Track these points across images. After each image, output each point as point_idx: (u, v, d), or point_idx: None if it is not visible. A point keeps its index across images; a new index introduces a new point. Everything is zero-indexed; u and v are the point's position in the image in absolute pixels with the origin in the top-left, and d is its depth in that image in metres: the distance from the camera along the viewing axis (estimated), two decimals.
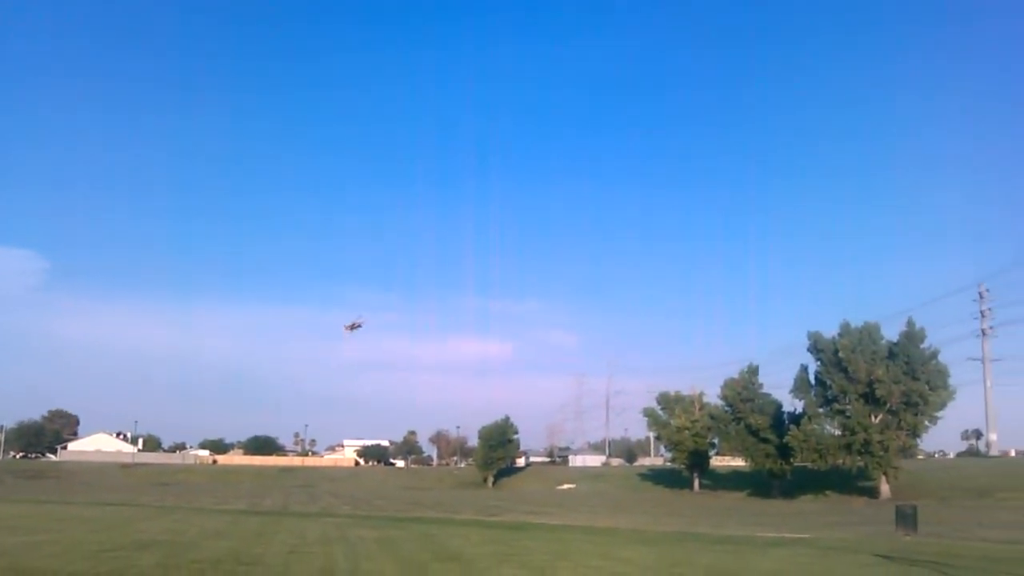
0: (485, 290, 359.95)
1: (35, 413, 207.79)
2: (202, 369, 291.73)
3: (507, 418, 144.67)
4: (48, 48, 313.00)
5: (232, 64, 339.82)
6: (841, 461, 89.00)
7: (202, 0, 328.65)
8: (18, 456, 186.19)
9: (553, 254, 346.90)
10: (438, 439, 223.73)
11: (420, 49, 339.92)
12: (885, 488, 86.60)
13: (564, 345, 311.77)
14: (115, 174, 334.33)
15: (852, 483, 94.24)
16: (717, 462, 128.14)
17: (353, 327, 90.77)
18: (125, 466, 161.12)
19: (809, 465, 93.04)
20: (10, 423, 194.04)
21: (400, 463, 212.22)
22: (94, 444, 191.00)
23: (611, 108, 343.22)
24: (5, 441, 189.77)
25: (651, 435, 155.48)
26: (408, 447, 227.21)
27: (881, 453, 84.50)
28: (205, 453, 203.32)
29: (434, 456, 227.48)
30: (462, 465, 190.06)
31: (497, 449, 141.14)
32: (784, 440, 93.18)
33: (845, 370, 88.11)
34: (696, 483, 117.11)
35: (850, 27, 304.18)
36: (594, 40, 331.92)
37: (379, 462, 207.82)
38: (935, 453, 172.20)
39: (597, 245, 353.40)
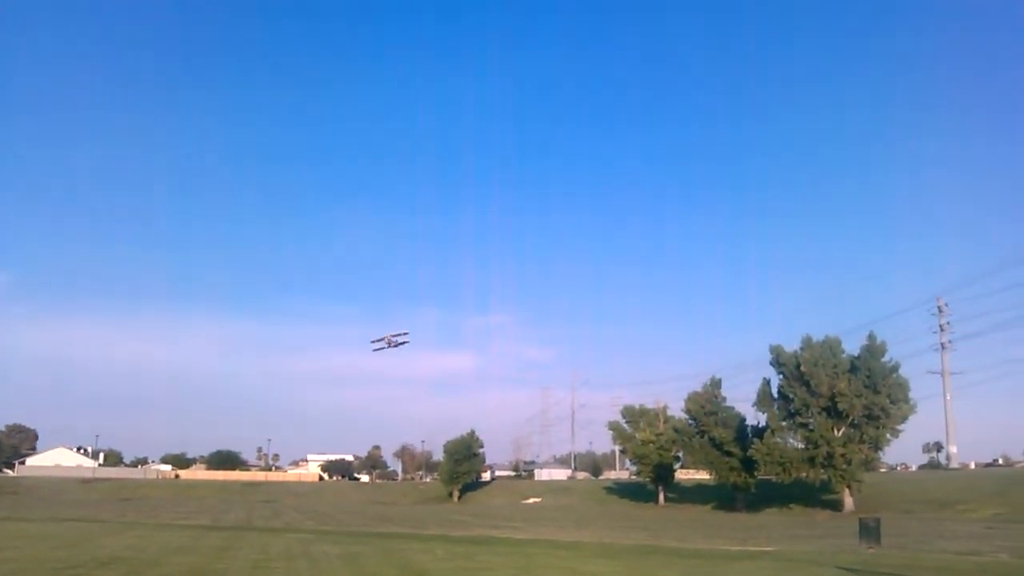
0: (448, 303, 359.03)
1: None
2: (162, 382, 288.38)
3: (472, 432, 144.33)
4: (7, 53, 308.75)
5: (216, 82, 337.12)
6: (805, 474, 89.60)
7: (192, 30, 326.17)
8: None
9: (518, 267, 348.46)
10: (403, 453, 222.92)
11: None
12: (849, 501, 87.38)
13: (530, 358, 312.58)
14: (73, 185, 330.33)
15: (816, 496, 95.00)
16: (682, 475, 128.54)
17: (394, 342, 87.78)
18: (86, 481, 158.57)
19: (773, 478, 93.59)
20: None
21: (365, 478, 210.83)
22: (53, 459, 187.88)
23: (572, 121, 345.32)
24: None
25: (616, 449, 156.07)
26: (372, 462, 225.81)
27: (844, 466, 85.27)
28: (167, 468, 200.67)
29: (399, 471, 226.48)
30: (427, 480, 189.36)
31: (462, 463, 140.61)
32: (748, 453, 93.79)
33: (807, 384, 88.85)
34: (661, 496, 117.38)
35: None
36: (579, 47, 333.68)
37: (343, 477, 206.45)
38: (897, 466, 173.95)
39: (561, 258, 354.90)
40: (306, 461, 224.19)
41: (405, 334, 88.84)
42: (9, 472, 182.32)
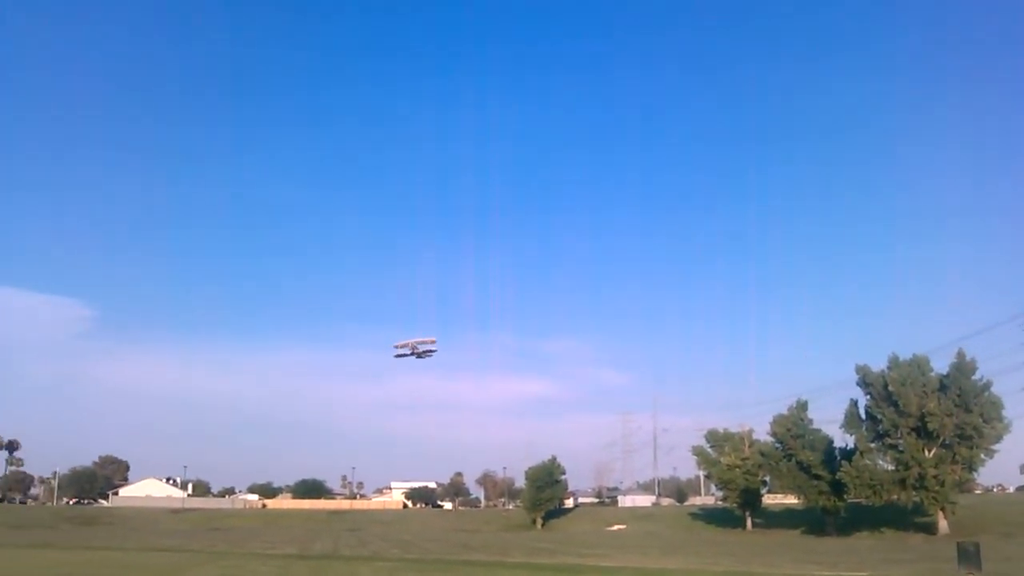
0: (522, 328, 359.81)
1: (87, 459, 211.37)
2: (249, 412, 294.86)
3: (554, 458, 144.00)
4: (88, 99, 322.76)
5: (271, 120, 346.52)
6: (896, 497, 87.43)
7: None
8: (71, 502, 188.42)
9: (592, 291, 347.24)
10: (485, 480, 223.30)
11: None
12: (943, 524, 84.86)
13: (607, 382, 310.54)
14: (157, 221, 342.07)
15: (908, 519, 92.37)
16: (769, 500, 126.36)
17: (419, 351, 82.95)
18: (175, 511, 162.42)
19: (863, 501, 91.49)
20: (63, 469, 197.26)
21: (448, 505, 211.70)
22: (144, 489, 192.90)
23: (651, 145, 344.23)
24: (58, 487, 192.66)
25: (701, 474, 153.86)
26: (455, 489, 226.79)
27: (937, 488, 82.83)
28: (254, 497, 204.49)
29: (481, 497, 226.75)
30: (510, 506, 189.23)
31: (545, 490, 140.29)
32: (836, 476, 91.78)
33: (896, 404, 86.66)
34: (749, 522, 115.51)
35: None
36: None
37: (427, 504, 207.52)
38: (993, 487, 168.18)
39: (637, 281, 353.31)
40: (390, 489, 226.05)
41: (432, 342, 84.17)
42: (103, 502, 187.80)
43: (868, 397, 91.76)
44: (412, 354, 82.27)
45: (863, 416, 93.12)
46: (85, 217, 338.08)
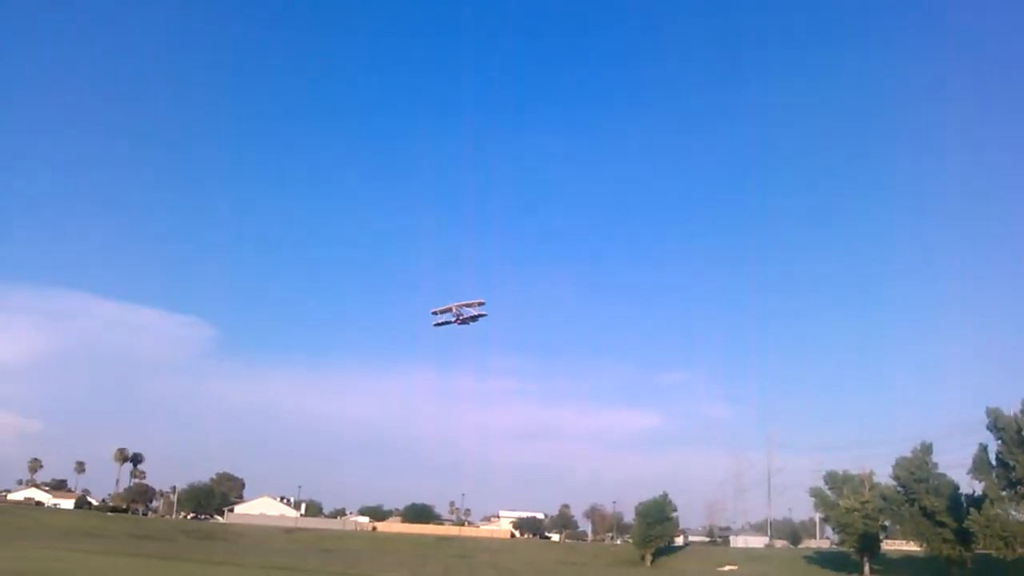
0: (632, 359, 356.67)
1: (204, 476, 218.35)
2: (361, 434, 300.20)
3: (665, 495, 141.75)
4: (217, 134, 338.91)
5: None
6: None
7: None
8: (189, 516, 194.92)
9: (703, 323, 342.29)
10: (593, 514, 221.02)
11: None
12: None
13: (720, 417, 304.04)
14: (278, 243, 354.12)
15: None
16: (889, 546, 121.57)
17: (464, 316, 74.65)
18: (288, 530, 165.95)
19: (993, 553, 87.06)
20: (182, 484, 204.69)
21: (555, 536, 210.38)
22: (259, 507, 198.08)
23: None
24: (178, 501, 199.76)
25: (817, 516, 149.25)
26: (563, 520, 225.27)
27: None
28: (364, 520, 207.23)
29: (588, 531, 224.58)
30: (618, 542, 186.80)
31: (655, 527, 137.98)
32: (964, 524, 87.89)
33: None
34: (867, 568, 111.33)
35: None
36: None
37: (534, 535, 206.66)
38: None
39: (748, 313, 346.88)
40: (498, 517, 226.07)
41: (480, 304, 75.32)
42: (219, 519, 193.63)
43: (999, 442, 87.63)
44: (456, 321, 74.72)
45: (993, 462, 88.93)
46: (210, 238, 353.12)
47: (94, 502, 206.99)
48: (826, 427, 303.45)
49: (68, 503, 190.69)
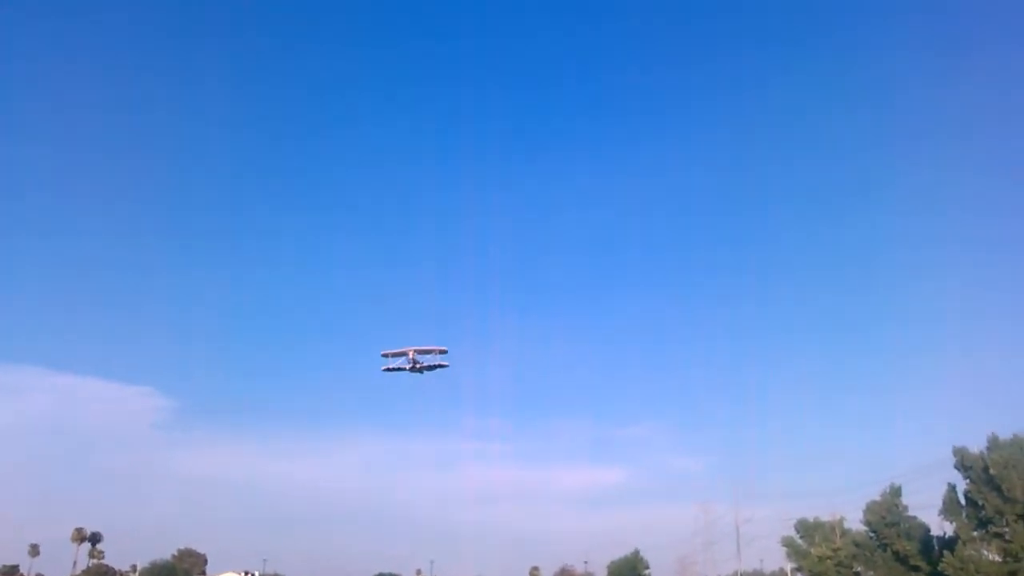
0: (594, 414, 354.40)
1: (165, 552, 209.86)
2: (325, 503, 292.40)
3: (636, 552, 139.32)
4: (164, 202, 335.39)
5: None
6: None
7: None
8: None
9: (663, 373, 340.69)
10: (563, 575, 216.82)
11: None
12: None
13: (684, 469, 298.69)
14: (234, 313, 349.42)
15: None
16: None
17: (421, 364, 68.69)
18: None
19: None
20: (143, 563, 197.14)
21: None
22: None
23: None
24: None
25: (789, 566, 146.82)
26: None
27: None
28: None
29: None
30: None
31: None
32: (938, 567, 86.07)
33: (999, 488, 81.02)
34: None
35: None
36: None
37: None
38: None
39: (709, 361, 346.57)
40: None
41: (442, 352, 69.81)
42: None
43: (967, 481, 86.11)
44: (410, 368, 68.87)
45: (962, 502, 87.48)
46: (164, 308, 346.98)
47: None
48: (794, 474, 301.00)
49: None
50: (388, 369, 70.40)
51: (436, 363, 69.61)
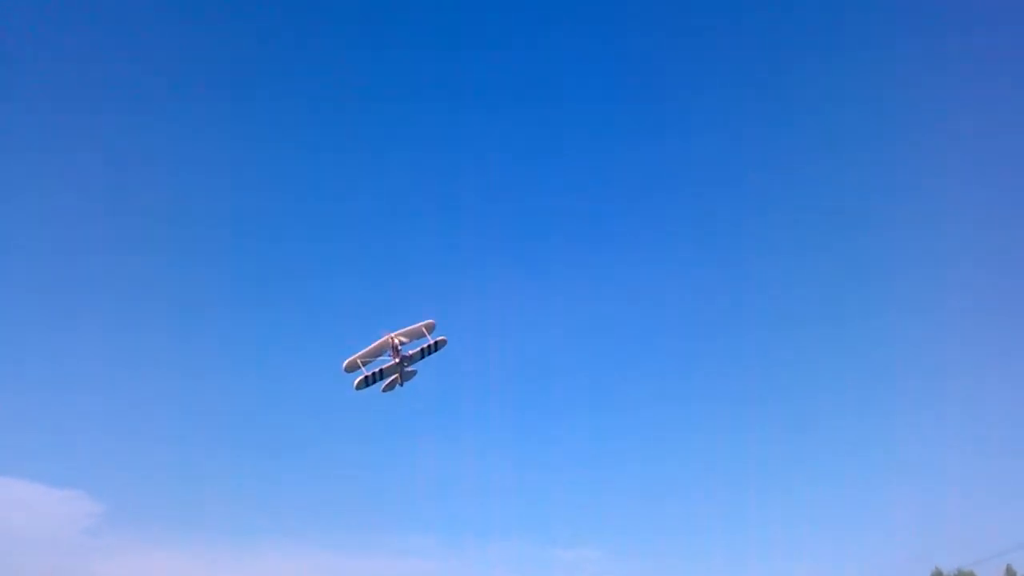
0: (530, 535, 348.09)
1: None
2: None
3: None
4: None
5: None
6: None
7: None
8: None
9: (606, 494, 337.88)
10: None
11: None
12: None
13: None
14: (165, 411, 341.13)
15: None
16: None
17: (409, 354, 56.58)
18: None
19: None
20: None
21: None
22: None
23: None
24: None
25: None
26: None
27: None
28: None
29: None
30: None
31: None
32: None
33: None
34: None
35: None
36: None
37: None
38: None
39: (654, 478, 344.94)
40: None
41: (430, 326, 56.55)
42: None
43: None
44: (397, 362, 57.10)
45: None
46: (94, 407, 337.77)
47: None
48: None
49: None
50: (364, 382, 57.35)
51: (430, 343, 56.37)
